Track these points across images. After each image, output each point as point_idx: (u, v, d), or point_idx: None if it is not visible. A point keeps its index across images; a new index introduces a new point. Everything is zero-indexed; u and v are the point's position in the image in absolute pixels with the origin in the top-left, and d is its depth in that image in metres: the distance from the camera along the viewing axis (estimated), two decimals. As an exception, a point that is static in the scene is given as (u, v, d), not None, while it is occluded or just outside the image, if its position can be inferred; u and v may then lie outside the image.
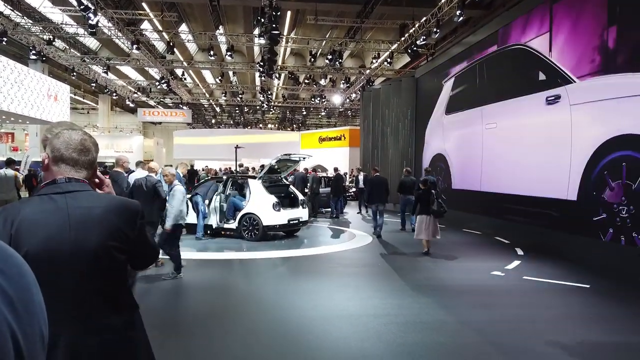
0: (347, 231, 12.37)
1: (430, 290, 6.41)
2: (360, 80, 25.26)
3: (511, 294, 6.42)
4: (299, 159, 11.00)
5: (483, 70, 13.22)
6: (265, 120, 50.74)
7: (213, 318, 5.22)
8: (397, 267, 8.03)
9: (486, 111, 12.90)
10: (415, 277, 7.27)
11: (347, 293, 6.29)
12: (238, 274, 7.61)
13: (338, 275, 7.41)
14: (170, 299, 6.03)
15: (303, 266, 8.15)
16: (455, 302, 5.94)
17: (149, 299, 5.88)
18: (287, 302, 5.86)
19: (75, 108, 48.83)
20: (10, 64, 21.62)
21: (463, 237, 11.70)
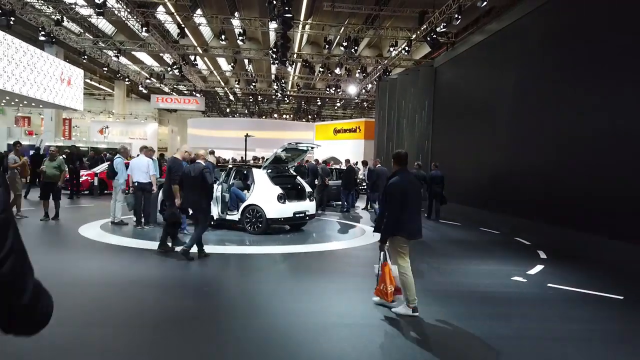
0: (357, 227, 11.74)
1: (444, 297, 5.77)
2: (377, 70, 24.46)
3: (533, 304, 5.73)
4: (306, 149, 10.36)
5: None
6: (280, 110, 50.17)
7: (196, 321, 4.65)
8: (415, 265, 7.36)
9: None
10: (428, 280, 6.62)
11: (351, 297, 5.68)
12: (234, 270, 7.05)
13: (343, 275, 6.81)
14: (154, 295, 5.49)
15: (306, 264, 7.55)
16: (472, 311, 5.29)
17: (130, 290, 5.36)
18: (282, 305, 5.27)
19: (91, 94, 48.86)
20: (23, 46, 21.30)
21: (480, 236, 10.99)
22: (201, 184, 7.03)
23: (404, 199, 4.79)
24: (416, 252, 8.58)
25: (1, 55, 19.82)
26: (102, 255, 7.54)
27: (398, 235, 4.91)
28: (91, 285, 5.76)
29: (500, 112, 12.62)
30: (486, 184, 13.23)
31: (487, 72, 13.52)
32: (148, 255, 7.55)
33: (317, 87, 38.08)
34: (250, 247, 8.74)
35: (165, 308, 5.04)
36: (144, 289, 5.72)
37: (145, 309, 5.01)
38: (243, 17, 21.49)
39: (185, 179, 7.20)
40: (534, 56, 11.24)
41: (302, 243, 9.12)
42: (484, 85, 13.64)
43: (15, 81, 20.96)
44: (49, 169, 10.08)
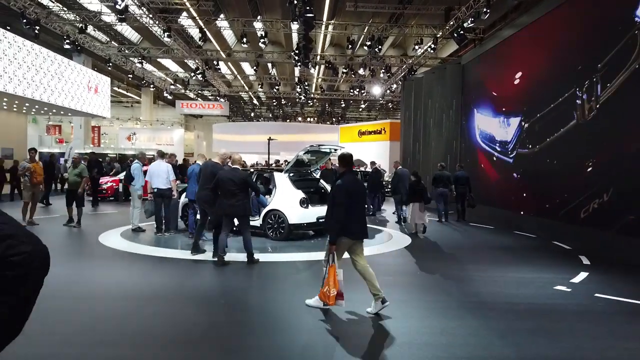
0: (384, 231, 11.27)
1: (480, 309, 5.26)
2: (402, 69, 23.90)
3: (581, 318, 5.17)
4: (329, 151, 9.96)
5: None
6: (304, 113, 49.97)
7: (204, 339, 4.30)
8: (439, 277, 6.90)
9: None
10: (462, 290, 6.12)
11: (382, 310, 5.22)
12: (254, 279, 6.69)
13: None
14: (168, 309, 5.17)
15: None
16: (512, 326, 4.78)
17: (138, 304, 5.05)
18: (298, 320, 4.88)
19: (120, 101, 49.80)
20: (50, 56, 21.61)
21: (516, 240, 10.37)
22: (243, 189, 7.04)
23: (349, 201, 4.81)
24: (450, 259, 8.12)
25: (30, 64, 20.15)
26: (119, 265, 7.31)
27: (343, 237, 4.92)
28: (104, 298, 5.48)
29: (534, 109, 11.96)
30: (519, 185, 12.56)
31: (518, 67, 12.87)
32: (165, 264, 7.29)
33: (341, 89, 37.70)
34: (272, 254, 8.39)
35: (178, 324, 4.70)
36: (157, 302, 5.41)
37: (157, 326, 4.67)
38: (265, 19, 21.29)
39: (224, 184, 6.98)
40: (569, 49, 10.57)
41: (325, 249, 8.71)
42: (515, 81, 12.98)
43: (43, 90, 21.29)
44: (70, 176, 10.02)
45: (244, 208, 7.19)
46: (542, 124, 11.54)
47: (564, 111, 10.58)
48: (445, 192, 12.70)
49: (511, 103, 13.22)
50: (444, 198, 12.84)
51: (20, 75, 19.51)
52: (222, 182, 7.02)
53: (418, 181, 10.70)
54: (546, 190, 11.24)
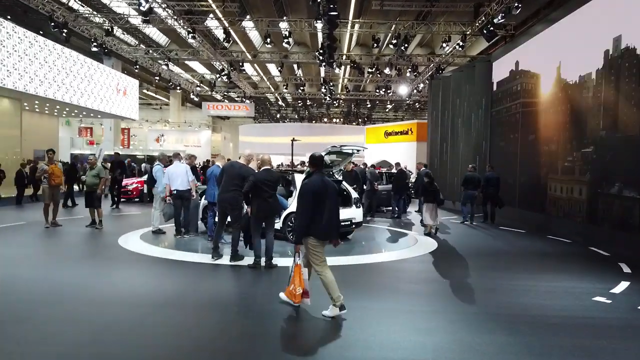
0: (409, 234, 10.87)
1: (511, 323, 4.86)
2: (429, 68, 23.35)
3: (624, 334, 4.71)
4: (351, 152, 9.63)
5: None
6: (330, 114, 49.71)
7: (213, 355, 4.06)
8: (466, 285, 6.49)
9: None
10: (491, 301, 5.71)
11: (400, 322, 4.88)
12: (269, 285, 6.40)
13: (391, 294, 6.00)
14: (176, 317, 4.96)
15: (349, 279, 6.79)
16: (547, 342, 4.36)
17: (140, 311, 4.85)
18: (313, 335, 4.58)
19: (149, 104, 50.65)
20: (80, 59, 22.00)
21: (550, 246, 9.82)
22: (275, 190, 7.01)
23: (317, 200, 4.81)
24: (479, 267, 7.69)
25: (60, 67, 20.54)
26: (136, 268, 7.16)
27: (310, 237, 4.88)
28: (114, 304, 5.31)
29: (569, 107, 11.35)
30: (552, 187, 11.95)
31: (552, 64, 12.26)
32: (182, 268, 7.10)
33: (368, 90, 37.29)
34: (291, 258, 8.11)
35: (184, 335, 4.47)
36: (167, 309, 5.20)
37: (162, 336, 4.45)
38: (290, 19, 21.12)
39: (261, 186, 6.81)
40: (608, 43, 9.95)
41: (346, 254, 8.39)
42: (550, 78, 12.38)
43: (73, 92, 21.69)
44: (89, 178, 10.02)
45: (276, 209, 7.17)
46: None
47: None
48: (474, 194, 12.64)
49: (544, 101, 12.62)
50: (473, 200, 12.70)
51: (50, 78, 19.90)
52: (260, 183, 6.82)
53: (431, 182, 10.77)
54: (583, 192, 10.62)
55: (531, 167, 13.07)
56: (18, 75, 18.19)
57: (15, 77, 17.89)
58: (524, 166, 13.53)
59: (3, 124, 20.61)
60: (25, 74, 18.59)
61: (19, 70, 18.19)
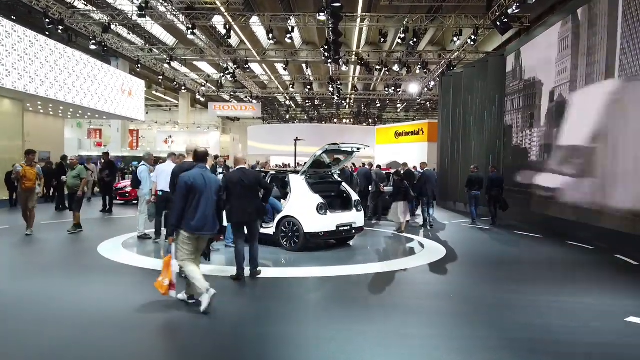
0: (415, 240, 10.04)
1: (528, 351, 4.05)
2: (441, 66, 22.48)
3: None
4: (351, 150, 8.86)
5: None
6: (340, 115, 48.95)
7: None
8: (476, 302, 5.68)
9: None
10: (507, 321, 4.90)
11: (402, 349, 4.09)
12: (253, 301, 5.68)
13: (393, 311, 5.21)
14: (143, 339, 4.24)
15: (346, 293, 6.03)
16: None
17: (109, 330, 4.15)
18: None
19: (159, 105, 50.49)
20: (83, 59, 21.52)
21: (570, 253, 8.93)
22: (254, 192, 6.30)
23: (192, 194, 4.80)
24: (492, 278, 6.81)
25: (62, 67, 20.10)
26: (108, 280, 6.39)
27: (182, 230, 4.84)
28: (66, 322, 4.61)
29: (591, 101, 10.46)
30: (574, 188, 11.04)
31: (571, 57, 11.37)
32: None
33: (378, 90, 36.49)
34: (282, 268, 7.39)
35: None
36: (128, 328, 4.50)
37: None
38: (294, 14, 20.41)
39: (234, 186, 6.12)
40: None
41: (345, 263, 7.62)
42: (568, 72, 11.49)
43: (76, 93, 21.24)
44: (69, 179, 9.36)
45: (258, 213, 6.36)
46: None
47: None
48: (478, 195, 12.47)
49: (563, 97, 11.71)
50: (477, 201, 12.47)
51: (52, 78, 19.47)
52: (232, 185, 6.12)
53: (402, 180, 11.01)
54: (605, 193, 9.71)
55: (548, 166, 12.17)
56: (18, 75, 17.77)
57: (14, 77, 17.45)
58: (541, 165, 12.64)
59: (4, 125, 20.19)
60: (26, 73, 18.16)
61: (18, 69, 17.77)
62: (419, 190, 12.37)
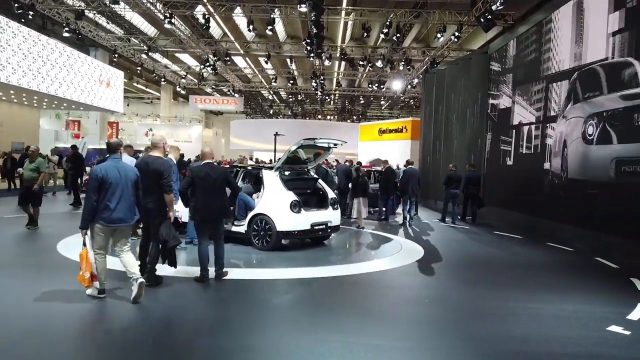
0: (394, 240, 9.74)
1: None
2: (424, 63, 22.24)
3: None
4: (327, 146, 8.50)
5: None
6: (324, 111, 48.58)
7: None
8: (454, 308, 5.39)
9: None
10: (484, 330, 4.61)
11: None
12: (214, 306, 5.28)
13: (364, 318, 4.87)
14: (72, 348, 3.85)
15: (316, 298, 5.69)
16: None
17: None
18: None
19: (140, 98, 49.42)
20: (58, 47, 20.76)
21: (550, 255, 8.73)
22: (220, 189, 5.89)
23: (103, 186, 4.77)
24: (470, 282, 6.49)
25: (36, 55, 19.34)
26: (60, 281, 5.79)
27: (96, 222, 4.85)
28: (3, 331, 4.19)
29: (580, 99, 10.28)
30: (556, 189, 10.88)
31: (557, 53, 11.18)
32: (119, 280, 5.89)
33: (362, 87, 36.21)
34: (251, 269, 7.00)
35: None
36: (68, 338, 4.09)
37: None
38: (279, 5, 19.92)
39: (200, 181, 5.74)
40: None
41: (318, 264, 7.28)
42: (554, 69, 11.30)
43: (50, 82, 20.47)
44: (26, 171, 8.76)
45: (223, 211, 5.95)
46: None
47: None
48: (456, 193, 12.48)
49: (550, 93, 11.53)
50: (455, 199, 12.52)
51: (25, 66, 18.73)
52: (198, 179, 5.71)
53: (359, 176, 11.41)
54: (589, 194, 9.54)
55: (531, 166, 11.99)
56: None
57: (-17, 65, 16.72)
58: (525, 165, 12.47)
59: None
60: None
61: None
62: (400, 189, 12.33)
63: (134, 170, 5.12)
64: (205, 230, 5.83)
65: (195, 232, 6.01)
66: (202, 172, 5.77)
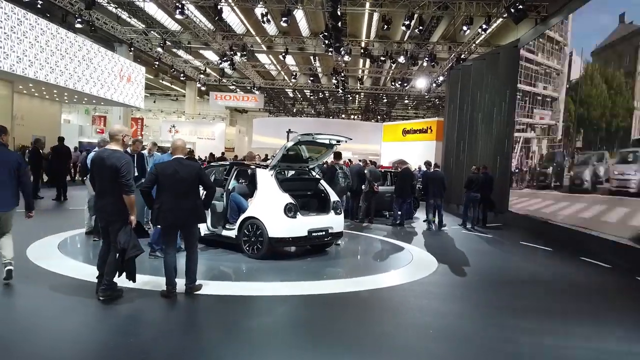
0: (405, 249, 8.76)
1: None
2: (450, 59, 21.07)
3: None
4: (329, 142, 7.59)
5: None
6: (348, 110, 47.60)
7: None
8: (463, 338, 4.43)
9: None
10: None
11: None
12: (174, 330, 4.45)
13: (351, 353, 4.00)
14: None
15: (302, 321, 4.81)
16: None
17: None
18: None
19: (167, 95, 49.64)
20: (78, 41, 20.57)
21: (584, 273, 7.64)
22: (192, 189, 5.09)
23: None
24: (492, 307, 5.40)
25: (54, 49, 19.14)
26: (17, 295, 5.06)
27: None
28: None
29: (623, 97, 9.12)
30: (592, 196, 9.73)
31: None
32: (82, 292, 5.07)
33: (387, 86, 35.12)
34: (232, 282, 6.13)
35: None
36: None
37: None
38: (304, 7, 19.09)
39: (167, 180, 4.94)
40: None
41: (313, 277, 6.41)
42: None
43: (69, 76, 20.25)
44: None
45: (196, 215, 5.14)
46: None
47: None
48: (477, 197, 11.94)
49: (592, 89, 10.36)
50: (475, 203, 12.03)
51: (42, 59, 18.53)
52: (165, 177, 4.94)
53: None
54: (626, 202, 8.39)
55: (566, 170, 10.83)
56: (3, 54, 16.82)
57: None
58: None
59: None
60: (13, 53, 17.21)
61: (4, 49, 16.82)
62: (423, 191, 11.99)
63: (15, 157, 5.14)
64: (173, 238, 5.06)
65: (162, 240, 5.21)
66: (169, 169, 4.97)
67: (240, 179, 8.15)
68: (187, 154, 7.69)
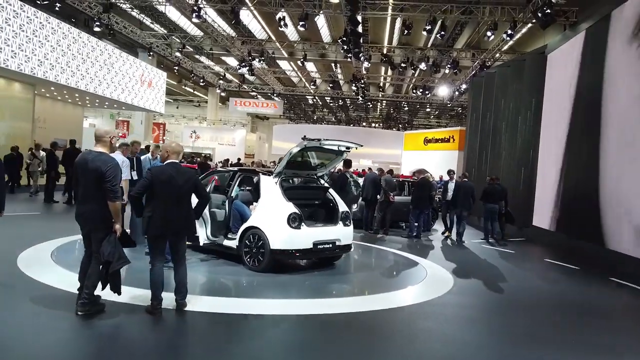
0: (419, 264, 8.21)
1: None
2: (473, 67, 20.43)
3: None
4: (338, 149, 7.13)
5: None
6: (369, 119, 47.10)
7: None
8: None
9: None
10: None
11: None
12: (154, 354, 4.06)
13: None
14: None
15: (297, 346, 4.36)
16: None
17: None
18: None
19: (190, 100, 50.12)
20: (100, 45, 20.63)
21: (616, 297, 6.98)
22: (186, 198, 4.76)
23: None
24: (515, 336, 4.75)
25: (75, 53, 19.27)
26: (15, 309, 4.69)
27: None
28: None
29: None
30: (622, 211, 9.03)
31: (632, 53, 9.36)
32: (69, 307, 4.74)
33: (409, 94, 34.58)
34: (226, 298, 5.62)
35: None
36: None
37: None
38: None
39: (161, 186, 4.57)
40: None
41: (316, 294, 5.94)
42: (624, 73, 9.48)
43: (90, 80, 20.36)
44: None
45: (187, 224, 4.77)
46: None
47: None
48: (495, 209, 11.40)
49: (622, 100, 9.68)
50: (494, 215, 11.45)
51: (63, 63, 18.67)
52: (159, 183, 4.55)
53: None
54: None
55: (595, 182, 10.13)
56: (25, 58, 16.96)
57: (21, 59, 16.63)
58: (587, 181, 10.60)
59: (13, 108, 19.45)
60: (34, 56, 17.36)
61: (26, 52, 16.97)
62: (451, 202, 11.53)
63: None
64: (161, 249, 4.67)
65: (149, 251, 4.82)
66: (165, 175, 4.60)
67: (243, 185, 7.75)
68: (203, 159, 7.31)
